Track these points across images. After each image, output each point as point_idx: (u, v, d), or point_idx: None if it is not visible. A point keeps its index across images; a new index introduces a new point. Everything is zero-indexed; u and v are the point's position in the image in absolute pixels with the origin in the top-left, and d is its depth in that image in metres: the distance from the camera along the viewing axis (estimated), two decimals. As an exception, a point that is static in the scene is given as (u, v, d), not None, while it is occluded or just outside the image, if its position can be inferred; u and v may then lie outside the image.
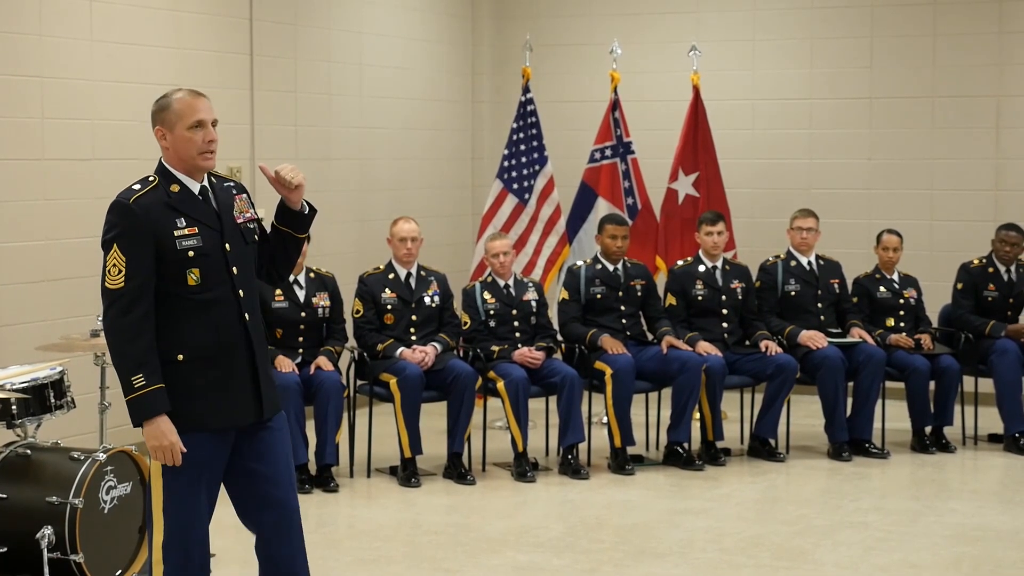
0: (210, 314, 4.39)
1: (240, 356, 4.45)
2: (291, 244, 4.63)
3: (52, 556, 5.61)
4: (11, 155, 7.75)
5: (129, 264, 4.29)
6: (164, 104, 4.43)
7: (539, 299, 8.69)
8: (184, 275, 4.36)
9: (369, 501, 7.83)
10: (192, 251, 4.37)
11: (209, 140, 4.42)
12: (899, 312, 9.21)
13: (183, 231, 4.37)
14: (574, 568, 6.46)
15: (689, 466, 8.46)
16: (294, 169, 4.51)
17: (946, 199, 10.74)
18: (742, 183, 10.93)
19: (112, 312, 4.31)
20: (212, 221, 4.44)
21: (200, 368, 4.38)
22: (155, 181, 4.41)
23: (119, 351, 4.30)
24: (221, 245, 4.43)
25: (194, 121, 4.40)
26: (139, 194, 4.36)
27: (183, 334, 4.36)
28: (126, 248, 4.30)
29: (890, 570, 6.43)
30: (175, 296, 4.36)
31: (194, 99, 4.44)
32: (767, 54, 11.17)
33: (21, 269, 7.81)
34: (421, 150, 11.18)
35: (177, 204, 4.39)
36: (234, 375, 4.43)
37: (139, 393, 4.28)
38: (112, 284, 4.30)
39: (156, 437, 4.30)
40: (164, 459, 4.32)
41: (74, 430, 7.36)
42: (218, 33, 9.11)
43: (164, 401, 4.30)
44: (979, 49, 10.61)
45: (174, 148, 4.42)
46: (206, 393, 4.38)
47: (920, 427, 8.96)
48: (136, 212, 4.32)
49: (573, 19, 11.65)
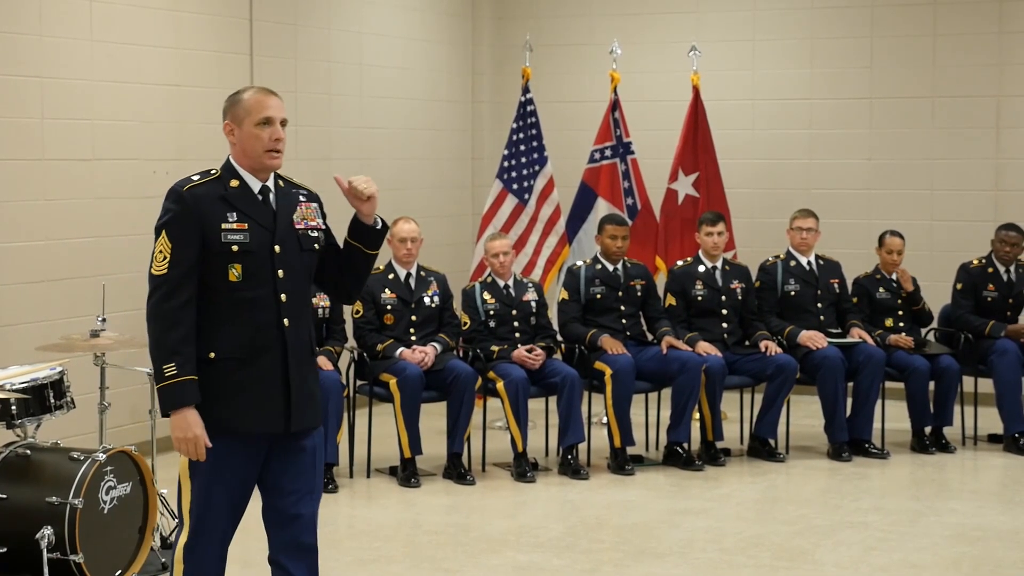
0: (247, 314, 4.31)
1: (272, 361, 4.35)
2: (361, 260, 4.52)
3: (52, 556, 5.61)
4: (11, 155, 7.75)
5: (175, 251, 4.25)
6: (235, 99, 4.40)
7: (539, 299, 8.69)
8: (226, 270, 4.29)
9: (369, 501, 7.83)
10: (236, 246, 4.30)
11: (276, 138, 4.35)
12: (898, 312, 9.21)
13: (231, 225, 4.30)
14: (574, 568, 6.46)
15: (689, 466, 8.46)
16: (368, 180, 4.43)
17: (946, 199, 10.74)
18: (742, 183, 10.93)
19: (155, 298, 4.27)
20: (266, 221, 4.36)
21: (230, 369, 4.30)
22: (216, 174, 4.38)
23: (155, 338, 4.25)
24: (270, 246, 4.34)
25: (263, 117, 4.34)
26: (195, 184, 4.33)
27: (217, 332, 4.29)
28: (173, 235, 4.26)
29: (890, 570, 6.43)
30: (214, 291, 4.29)
31: (265, 96, 4.39)
32: (767, 54, 11.17)
33: (21, 269, 7.81)
34: (421, 150, 11.18)
35: (232, 199, 4.34)
36: (264, 380, 4.34)
37: (169, 382, 4.21)
38: (157, 270, 4.27)
39: (181, 428, 4.23)
40: (188, 452, 4.27)
41: (74, 430, 7.36)
42: (218, 33, 9.11)
43: (194, 393, 4.23)
44: (979, 49, 10.61)
45: (241, 143, 4.37)
46: (234, 396, 4.30)
47: (920, 427, 8.96)
48: (187, 200, 4.28)
49: (573, 19, 11.65)
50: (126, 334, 6.78)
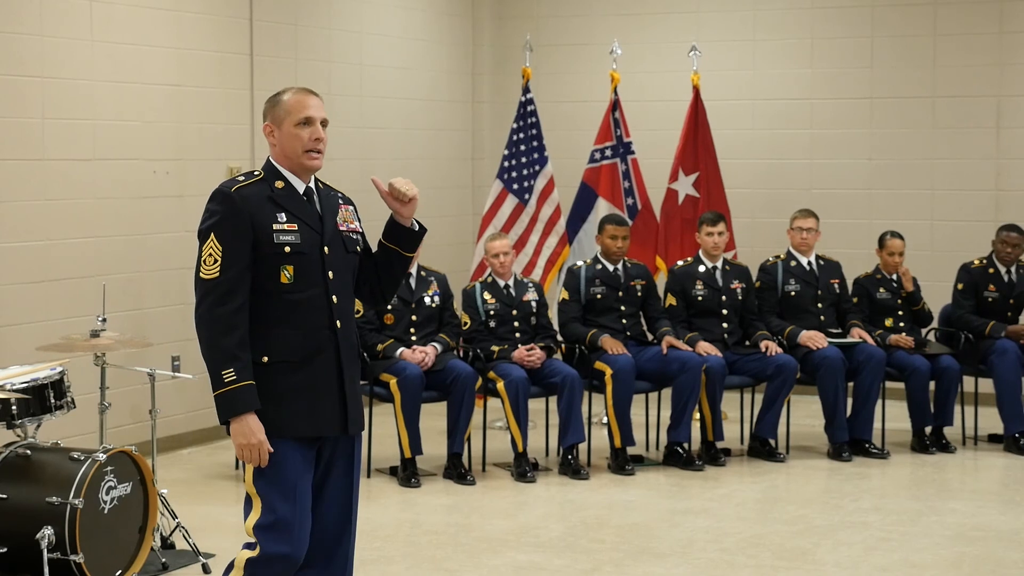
0: (300, 316, 4.26)
1: (327, 363, 4.30)
2: (397, 263, 4.51)
3: (52, 556, 5.62)
4: (12, 155, 7.75)
5: (226, 253, 4.18)
6: (275, 100, 4.35)
7: (539, 299, 8.69)
8: (278, 271, 4.23)
9: (369, 501, 7.82)
10: (289, 247, 4.24)
11: (316, 138, 4.30)
12: (899, 312, 9.21)
13: (283, 226, 4.25)
14: (574, 568, 6.46)
15: (689, 466, 8.46)
16: (408, 182, 4.41)
17: (946, 199, 10.74)
18: (742, 183, 10.93)
19: (207, 302, 4.17)
20: (314, 222, 4.32)
21: (285, 372, 4.24)
22: (261, 175, 4.33)
23: (212, 343, 4.16)
24: (320, 247, 4.31)
25: (303, 118, 4.29)
26: (242, 184, 4.27)
27: (270, 335, 4.23)
28: (224, 237, 4.19)
29: (890, 570, 6.43)
30: (266, 293, 4.23)
31: (305, 96, 4.34)
32: (767, 54, 11.17)
33: (22, 269, 7.81)
34: (421, 150, 11.18)
35: (280, 199, 4.29)
36: (319, 382, 4.28)
37: (229, 388, 4.13)
38: (208, 274, 4.18)
39: (244, 435, 4.15)
40: (251, 459, 4.18)
41: (74, 430, 7.37)
42: (218, 33, 9.11)
43: (254, 399, 4.16)
44: (980, 49, 10.61)
45: (281, 144, 4.32)
46: (290, 399, 4.23)
47: (920, 427, 8.97)
48: (236, 201, 4.22)
49: (573, 19, 11.65)
50: (126, 334, 6.79)
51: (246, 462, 4.22)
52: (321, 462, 4.37)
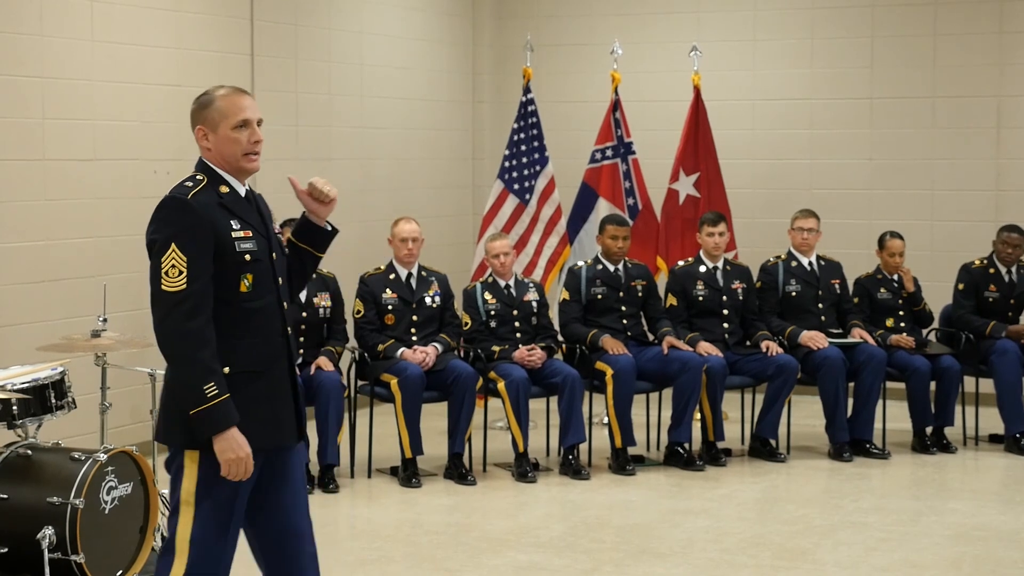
0: (257, 324, 4.15)
1: (282, 371, 4.22)
2: (309, 262, 4.41)
3: (53, 556, 5.61)
4: (12, 155, 7.75)
5: (191, 264, 4.01)
6: (206, 102, 4.18)
7: (540, 299, 8.69)
8: (238, 280, 4.11)
9: (370, 501, 7.83)
10: (248, 255, 4.12)
11: (255, 140, 4.17)
12: (899, 313, 9.21)
13: (239, 233, 4.12)
14: (575, 568, 6.46)
15: (690, 466, 8.46)
16: (328, 183, 4.31)
17: (947, 199, 10.74)
18: (743, 183, 10.93)
19: (175, 317, 4.00)
20: (261, 227, 4.21)
21: (246, 383, 4.11)
22: (204, 180, 4.14)
23: (187, 358, 4.00)
24: (270, 253, 4.21)
25: (239, 120, 4.15)
26: (195, 191, 4.09)
27: (231, 345, 4.09)
28: (187, 247, 4.02)
29: (891, 570, 6.43)
30: (225, 303, 4.09)
31: (239, 97, 4.19)
32: (768, 54, 11.17)
33: (22, 269, 7.81)
34: (422, 150, 11.18)
35: (229, 205, 4.14)
36: (277, 391, 4.20)
37: (213, 403, 3.99)
38: (172, 286, 4.01)
39: (232, 449, 4.01)
40: (236, 474, 4.04)
41: (75, 430, 7.37)
42: (219, 33, 9.12)
43: (235, 412, 4.03)
44: (980, 49, 10.61)
45: (217, 149, 4.16)
46: (252, 410, 4.11)
47: (921, 427, 8.96)
48: (195, 209, 4.05)
49: (574, 19, 11.65)
50: (127, 334, 6.78)
51: (231, 477, 4.07)
52: (268, 473, 4.22)
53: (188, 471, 4.12)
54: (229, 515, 4.13)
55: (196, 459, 4.11)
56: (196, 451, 4.10)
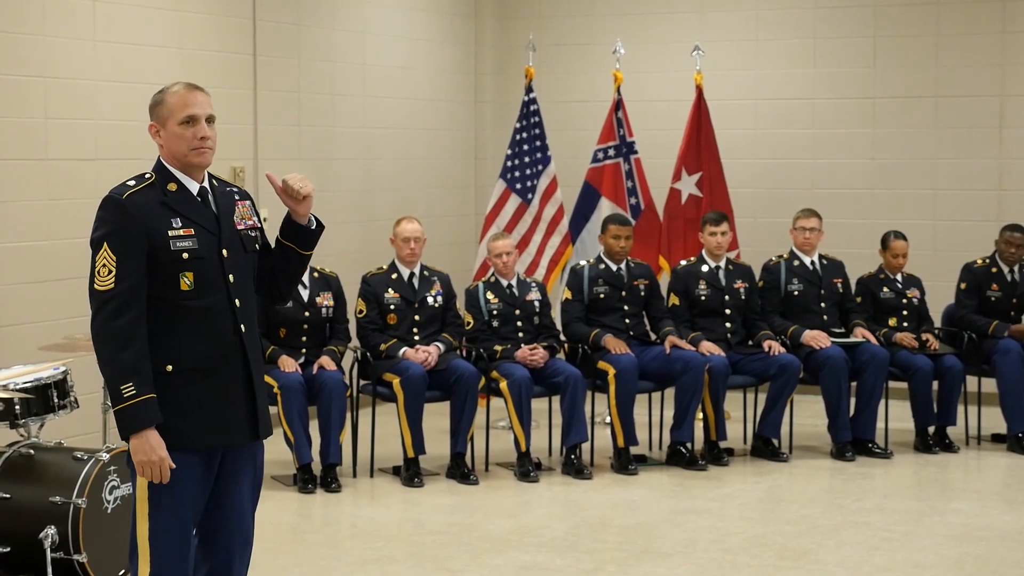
0: (203, 323, 4.11)
1: (234, 370, 4.17)
2: (295, 261, 4.36)
3: (55, 556, 5.62)
4: (14, 155, 7.75)
5: (120, 264, 4.03)
6: (159, 99, 4.19)
7: (542, 299, 8.69)
8: (177, 279, 4.09)
9: (372, 501, 7.83)
10: (187, 253, 4.09)
11: (201, 136, 4.13)
12: (902, 312, 9.20)
13: (178, 231, 4.09)
14: (577, 568, 6.46)
15: (692, 466, 8.46)
16: (303, 179, 4.25)
17: (949, 199, 10.73)
18: (745, 183, 10.93)
19: (101, 316, 4.04)
20: (210, 224, 4.16)
21: (190, 382, 4.09)
22: (152, 178, 4.14)
23: (109, 358, 4.02)
24: (218, 250, 4.16)
25: (185, 116, 4.13)
26: (133, 190, 4.10)
27: (173, 344, 4.08)
28: (117, 247, 4.04)
29: (893, 570, 6.43)
30: (165, 302, 4.08)
31: (188, 93, 4.17)
32: (770, 54, 11.17)
33: (24, 269, 7.82)
34: (424, 150, 11.18)
35: (173, 203, 4.12)
36: (227, 390, 4.16)
37: (129, 403, 3.99)
38: (101, 285, 4.04)
39: (144, 452, 4.01)
40: (151, 476, 4.04)
41: (77, 430, 7.37)
42: (221, 33, 9.12)
43: (155, 413, 4.01)
44: (982, 49, 10.61)
45: (167, 144, 4.16)
46: (196, 409, 4.09)
47: (923, 427, 8.96)
48: (128, 209, 4.06)
49: (576, 19, 11.65)
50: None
51: (147, 478, 4.07)
52: (225, 470, 4.22)
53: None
54: (184, 512, 4.13)
55: None
56: None
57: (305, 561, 6.55)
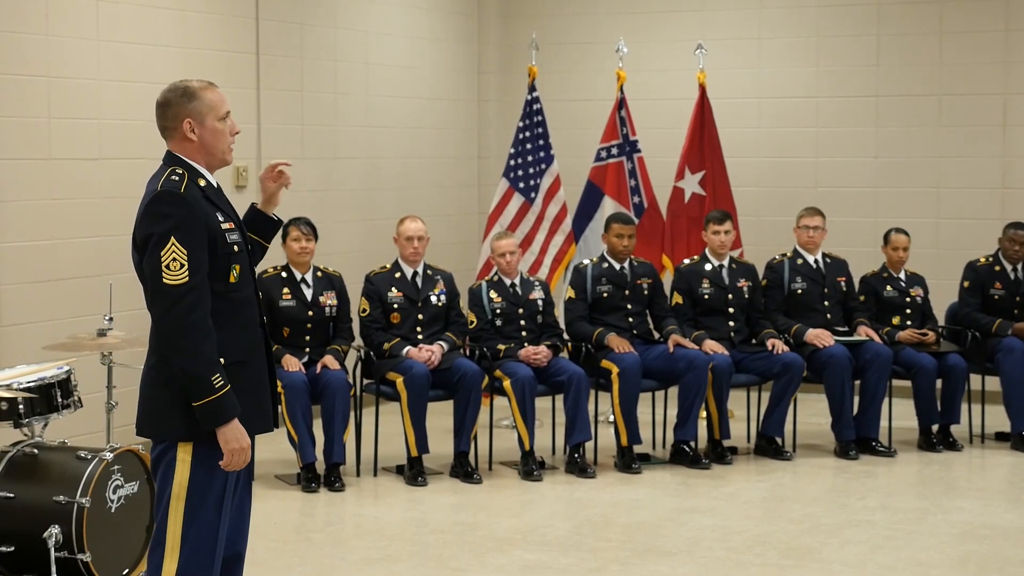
0: (242, 315, 4.21)
1: (262, 361, 4.29)
2: (259, 253, 4.49)
3: (59, 555, 5.62)
4: (18, 155, 7.76)
5: (191, 257, 4.04)
6: (190, 95, 4.19)
7: (545, 298, 8.68)
8: (228, 271, 4.15)
9: (376, 500, 7.83)
10: (236, 246, 4.18)
11: (235, 132, 4.26)
12: (906, 311, 9.20)
13: (226, 224, 4.17)
14: (581, 567, 6.46)
15: (696, 465, 8.46)
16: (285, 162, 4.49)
17: (952, 197, 10.73)
18: (748, 181, 10.93)
19: (179, 309, 4.02)
20: (237, 220, 4.28)
21: (237, 372, 4.14)
22: (184, 174, 4.16)
23: (193, 350, 4.03)
24: (246, 244, 4.28)
25: (226, 111, 4.22)
26: (184, 184, 4.12)
27: (224, 336, 4.12)
28: (185, 240, 4.05)
29: (897, 568, 6.43)
30: (216, 295, 4.12)
31: (218, 90, 4.26)
32: (773, 52, 11.16)
33: (28, 268, 7.82)
34: (427, 149, 11.18)
35: (212, 197, 4.19)
36: (259, 380, 4.26)
37: (221, 394, 4.04)
38: (175, 280, 4.03)
39: (236, 439, 4.07)
40: (237, 464, 4.10)
41: (81, 429, 7.38)
42: (224, 32, 9.12)
43: (237, 403, 4.09)
44: (985, 47, 10.60)
45: (203, 140, 4.18)
46: (242, 399, 4.13)
47: (927, 425, 8.95)
48: (190, 202, 4.09)
49: (579, 17, 11.65)
50: (133, 333, 6.78)
51: (233, 468, 4.12)
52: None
53: (182, 464, 4.15)
54: (221, 509, 4.18)
55: (190, 452, 4.15)
56: (190, 444, 4.14)
57: (309, 560, 6.56)
